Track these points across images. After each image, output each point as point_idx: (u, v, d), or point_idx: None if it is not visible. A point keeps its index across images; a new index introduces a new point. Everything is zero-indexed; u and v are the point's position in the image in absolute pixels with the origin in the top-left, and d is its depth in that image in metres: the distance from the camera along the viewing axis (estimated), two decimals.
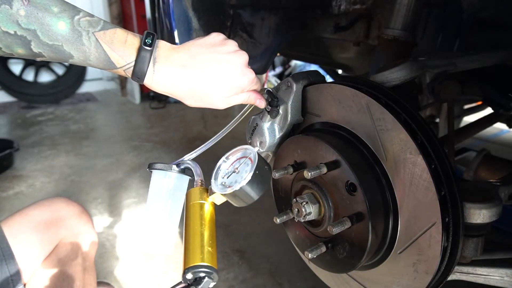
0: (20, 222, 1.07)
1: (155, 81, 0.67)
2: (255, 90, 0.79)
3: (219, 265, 1.49)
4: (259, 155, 0.63)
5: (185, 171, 0.77)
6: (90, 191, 2.59)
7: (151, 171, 0.77)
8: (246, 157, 0.65)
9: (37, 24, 0.58)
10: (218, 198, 0.65)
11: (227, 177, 0.65)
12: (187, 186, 0.78)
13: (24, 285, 1.02)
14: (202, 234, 0.60)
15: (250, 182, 0.60)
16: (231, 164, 0.67)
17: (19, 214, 1.09)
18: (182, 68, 0.68)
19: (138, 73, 0.65)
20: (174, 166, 0.76)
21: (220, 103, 0.74)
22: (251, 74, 0.74)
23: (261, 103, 0.81)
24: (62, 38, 0.60)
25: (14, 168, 2.91)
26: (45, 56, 0.61)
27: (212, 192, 0.65)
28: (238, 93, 0.74)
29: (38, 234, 1.07)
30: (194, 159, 0.79)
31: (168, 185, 0.77)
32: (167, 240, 0.78)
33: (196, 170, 0.73)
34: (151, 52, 0.65)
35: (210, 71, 0.69)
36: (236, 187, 0.60)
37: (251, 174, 0.60)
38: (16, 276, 0.99)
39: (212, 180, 0.66)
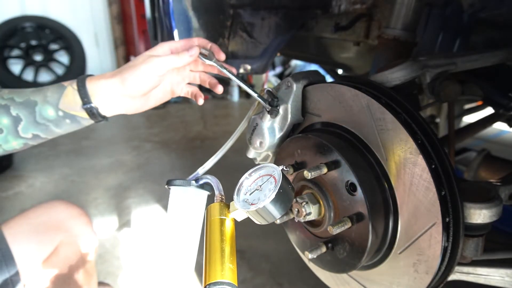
0: (20, 224, 1.07)
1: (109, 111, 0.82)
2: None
3: None
4: (283, 173, 0.62)
5: (204, 186, 0.76)
6: (90, 191, 2.59)
7: (169, 188, 0.77)
8: (270, 175, 0.64)
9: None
10: (240, 214, 0.65)
11: (250, 194, 0.65)
12: (206, 201, 0.78)
13: (24, 286, 1.02)
14: (223, 250, 0.60)
15: (274, 201, 0.60)
16: (254, 181, 0.66)
17: (19, 217, 1.10)
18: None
19: (96, 114, 0.82)
20: (193, 182, 0.76)
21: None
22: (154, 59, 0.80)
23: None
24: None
25: (14, 168, 2.91)
26: None
27: (234, 208, 0.65)
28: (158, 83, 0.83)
29: (38, 236, 1.07)
30: (213, 174, 0.79)
31: (186, 201, 0.76)
32: (187, 259, 0.77)
33: (217, 185, 0.73)
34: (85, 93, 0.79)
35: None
36: (260, 205, 0.60)
37: (275, 192, 0.60)
38: (15, 277, 0.99)
39: (235, 196, 0.66)
